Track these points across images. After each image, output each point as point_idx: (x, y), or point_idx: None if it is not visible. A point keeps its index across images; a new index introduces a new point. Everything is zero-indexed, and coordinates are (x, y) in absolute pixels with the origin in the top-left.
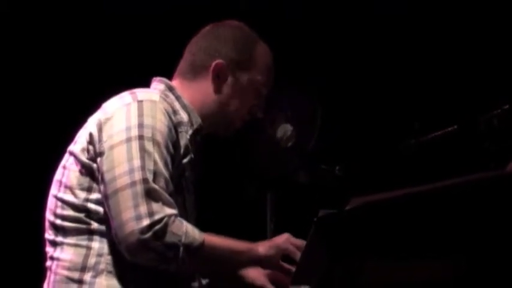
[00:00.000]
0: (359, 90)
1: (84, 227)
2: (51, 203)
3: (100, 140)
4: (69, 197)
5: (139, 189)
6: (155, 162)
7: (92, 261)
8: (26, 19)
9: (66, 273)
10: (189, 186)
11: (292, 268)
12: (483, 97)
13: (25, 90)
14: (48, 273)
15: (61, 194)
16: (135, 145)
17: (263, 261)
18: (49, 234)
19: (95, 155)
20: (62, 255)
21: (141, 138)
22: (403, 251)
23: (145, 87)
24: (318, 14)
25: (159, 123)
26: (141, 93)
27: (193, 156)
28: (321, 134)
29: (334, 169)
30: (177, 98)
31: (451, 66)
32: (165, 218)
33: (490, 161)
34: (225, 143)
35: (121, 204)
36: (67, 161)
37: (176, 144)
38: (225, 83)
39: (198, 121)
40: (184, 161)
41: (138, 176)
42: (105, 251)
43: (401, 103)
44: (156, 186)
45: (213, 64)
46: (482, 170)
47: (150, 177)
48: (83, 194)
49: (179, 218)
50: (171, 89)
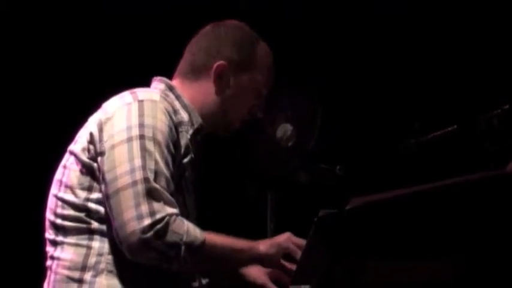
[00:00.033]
0: (359, 90)
1: (84, 226)
2: (52, 202)
3: (101, 140)
4: (69, 196)
5: (140, 188)
6: (156, 162)
7: (92, 260)
8: (26, 19)
9: (66, 272)
10: (189, 186)
11: (293, 267)
12: (483, 97)
13: (25, 90)
14: (48, 272)
15: (61, 194)
16: (136, 145)
17: (264, 260)
18: (49, 234)
19: (96, 155)
20: (62, 255)
21: (142, 137)
22: (404, 251)
23: (146, 87)
24: (318, 14)
25: (160, 123)
26: (141, 92)
27: (193, 156)
28: (321, 134)
29: (335, 169)
30: (177, 97)
31: (451, 66)
32: (167, 217)
33: (490, 161)
34: (225, 143)
35: (122, 203)
36: (67, 160)
37: (177, 143)
38: (226, 84)
39: (198, 121)
40: (185, 160)
41: (139, 176)
42: (105, 250)
43: (401, 103)
44: (157, 186)
45: (215, 65)
46: (482, 170)
47: (151, 176)
48: (83, 194)
49: (180, 217)
50: (171, 88)
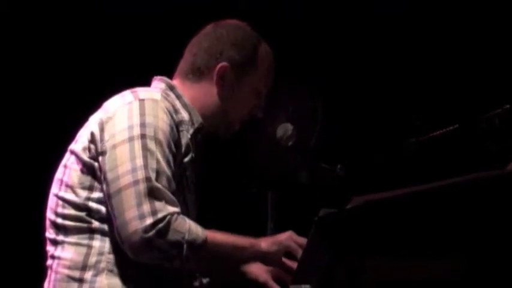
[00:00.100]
0: (359, 90)
1: (85, 225)
2: (52, 202)
3: (102, 139)
4: (70, 195)
5: (142, 188)
6: (158, 161)
7: (93, 260)
8: (26, 19)
9: (67, 272)
10: (190, 185)
11: (294, 265)
12: (484, 96)
13: (26, 89)
14: (49, 272)
15: (62, 193)
16: (138, 144)
17: (266, 257)
18: (50, 233)
19: (97, 154)
20: (63, 254)
21: (143, 137)
22: (404, 250)
23: (146, 86)
24: (318, 14)
25: (161, 122)
26: (142, 92)
27: (194, 155)
28: (321, 133)
29: (335, 168)
30: (178, 97)
31: (452, 66)
32: (168, 216)
33: (491, 160)
34: (225, 143)
35: (124, 203)
36: (68, 160)
37: (178, 143)
38: (228, 85)
39: (199, 120)
40: (186, 159)
41: (141, 175)
42: (106, 249)
43: (402, 103)
44: (158, 185)
45: (218, 67)
46: (483, 169)
47: (152, 175)
48: (84, 193)
49: (182, 216)
50: (172, 88)
